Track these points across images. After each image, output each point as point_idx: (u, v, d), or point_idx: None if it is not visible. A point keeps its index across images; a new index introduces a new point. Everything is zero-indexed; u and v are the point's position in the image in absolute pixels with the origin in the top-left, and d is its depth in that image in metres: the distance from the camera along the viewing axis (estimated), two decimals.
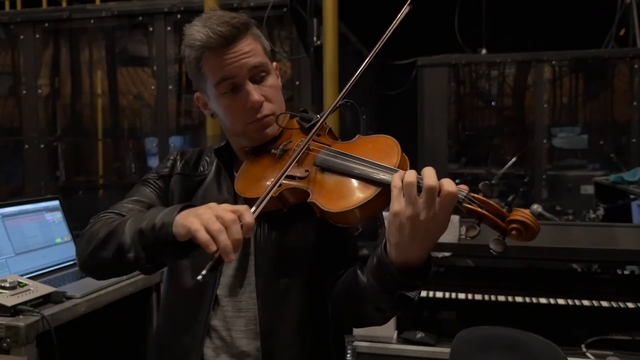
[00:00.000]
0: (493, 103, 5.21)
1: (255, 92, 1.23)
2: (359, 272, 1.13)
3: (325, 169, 1.15)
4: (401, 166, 1.08)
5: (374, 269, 1.08)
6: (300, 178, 1.16)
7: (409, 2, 1.22)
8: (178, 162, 1.39)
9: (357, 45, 4.88)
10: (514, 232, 0.98)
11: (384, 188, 1.04)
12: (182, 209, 1.10)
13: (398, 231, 1.00)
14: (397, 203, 0.99)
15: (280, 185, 1.16)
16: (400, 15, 1.22)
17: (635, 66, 4.50)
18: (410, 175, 0.99)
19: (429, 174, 0.98)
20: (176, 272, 1.30)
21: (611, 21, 4.81)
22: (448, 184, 0.97)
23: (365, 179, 1.07)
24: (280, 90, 1.30)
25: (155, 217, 1.12)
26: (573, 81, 4.99)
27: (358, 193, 1.07)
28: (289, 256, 1.25)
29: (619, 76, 4.76)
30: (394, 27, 1.21)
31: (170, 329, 1.32)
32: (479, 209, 0.99)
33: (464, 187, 1.01)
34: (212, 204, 1.06)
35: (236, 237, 0.99)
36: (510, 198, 1.03)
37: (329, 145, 1.20)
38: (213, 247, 0.99)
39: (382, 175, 1.06)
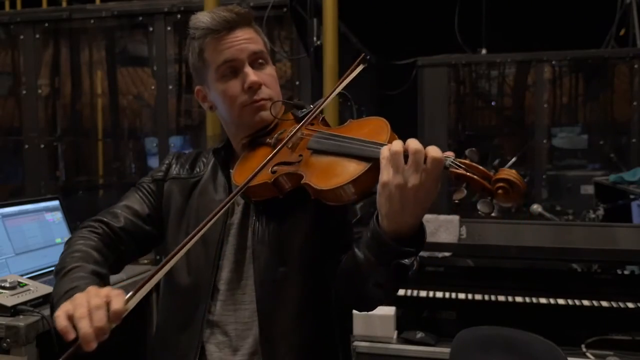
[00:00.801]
0: (493, 103, 5.21)
1: (253, 74, 1.27)
2: (355, 249, 1.14)
3: (318, 151, 1.18)
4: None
5: (368, 242, 1.09)
6: (294, 163, 1.19)
7: (361, 57, 1.26)
8: (173, 166, 1.42)
9: (357, 45, 4.88)
10: (500, 191, 1.00)
11: (374, 163, 1.07)
12: (85, 285, 1.08)
13: (388, 200, 1.02)
14: (386, 172, 1.01)
15: (275, 171, 1.18)
16: (353, 69, 1.26)
17: (635, 66, 4.49)
18: (397, 144, 1.02)
19: (414, 141, 1.01)
20: (173, 271, 1.30)
21: (611, 21, 4.80)
22: (433, 150, 1.00)
23: (355, 156, 1.10)
24: (276, 79, 1.34)
25: (61, 291, 1.13)
26: (573, 81, 4.98)
27: (349, 169, 1.10)
28: (286, 244, 1.26)
29: (619, 76, 4.76)
30: (346, 80, 1.26)
31: (170, 326, 1.33)
32: (466, 173, 1.01)
33: (450, 154, 1.04)
34: (91, 288, 1.03)
35: (98, 324, 0.95)
36: (496, 162, 1.05)
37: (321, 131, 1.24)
38: (70, 336, 0.95)
39: (372, 151, 1.08)
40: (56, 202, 2.47)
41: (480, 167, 1.02)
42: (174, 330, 1.30)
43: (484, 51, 4.97)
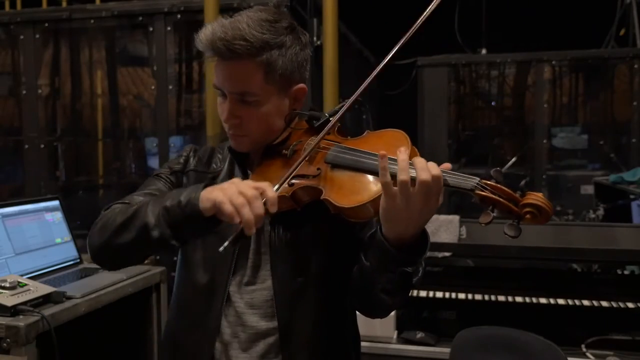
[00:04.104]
0: (493, 103, 5.21)
1: (226, 110, 1.24)
2: (362, 258, 1.15)
3: (337, 165, 1.16)
4: (411, 158, 1.08)
5: (373, 250, 1.11)
6: (312, 176, 1.17)
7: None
8: (191, 159, 1.39)
9: (357, 45, 4.88)
10: (528, 216, 0.99)
11: (394, 180, 1.05)
12: (205, 187, 1.13)
13: (392, 220, 1.04)
14: (390, 200, 1.02)
15: (293, 184, 1.17)
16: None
17: (635, 66, 4.50)
18: (403, 174, 1.01)
19: (423, 170, 1.00)
20: (189, 268, 1.31)
21: (611, 21, 4.81)
22: (434, 169, 1.01)
23: (375, 173, 1.08)
24: (269, 119, 1.26)
25: (179, 195, 1.14)
26: (573, 81, 4.99)
27: (370, 187, 1.09)
28: (304, 256, 1.26)
29: (619, 76, 4.76)
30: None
31: (182, 325, 1.33)
32: (492, 196, 1.00)
33: (446, 169, 1.03)
34: (236, 180, 1.10)
35: (258, 212, 1.02)
36: (522, 183, 1.03)
37: (338, 143, 1.21)
38: (237, 219, 1.03)
39: (392, 168, 1.06)
40: (56, 202, 2.47)
41: (507, 189, 1.00)
42: (186, 328, 1.31)
43: (484, 51, 4.98)
